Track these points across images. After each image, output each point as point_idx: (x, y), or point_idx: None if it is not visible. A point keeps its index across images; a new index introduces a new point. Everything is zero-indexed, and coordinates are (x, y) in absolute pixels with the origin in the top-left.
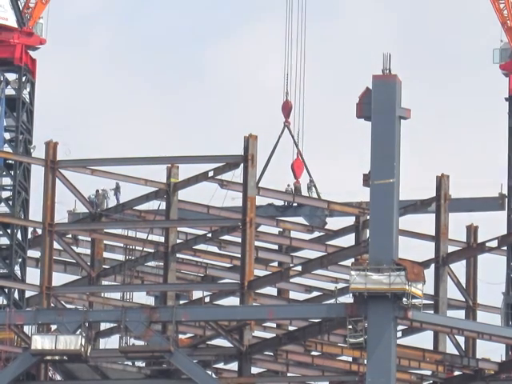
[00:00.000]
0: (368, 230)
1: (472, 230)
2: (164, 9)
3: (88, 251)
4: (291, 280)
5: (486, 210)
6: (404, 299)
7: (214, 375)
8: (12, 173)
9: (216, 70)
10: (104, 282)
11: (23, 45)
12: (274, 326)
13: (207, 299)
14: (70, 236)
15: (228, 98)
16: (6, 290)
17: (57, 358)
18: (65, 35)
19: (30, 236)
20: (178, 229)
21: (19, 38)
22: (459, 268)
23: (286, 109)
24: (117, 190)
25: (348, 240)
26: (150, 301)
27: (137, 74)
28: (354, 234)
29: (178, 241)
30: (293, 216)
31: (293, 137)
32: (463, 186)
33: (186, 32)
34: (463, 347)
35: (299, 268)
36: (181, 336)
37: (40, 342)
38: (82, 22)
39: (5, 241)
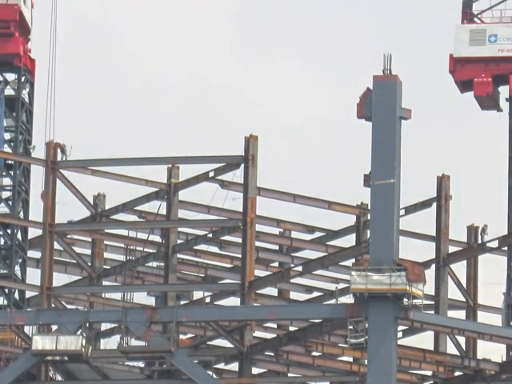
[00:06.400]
0: (369, 231)
1: (473, 231)
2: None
3: (89, 252)
4: (292, 280)
5: None
6: (405, 299)
7: (214, 376)
8: (12, 173)
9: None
10: (105, 283)
11: (24, 44)
12: (275, 326)
13: (208, 300)
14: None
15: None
16: (7, 291)
17: (57, 358)
18: (63, 36)
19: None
20: (179, 229)
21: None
22: (460, 268)
23: None
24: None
25: (349, 240)
26: (151, 301)
27: (136, 74)
28: (354, 235)
29: (179, 241)
30: None
31: None
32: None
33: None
34: (464, 348)
35: (300, 268)
36: (181, 336)
37: (41, 343)
38: (80, 22)
39: (5, 241)
